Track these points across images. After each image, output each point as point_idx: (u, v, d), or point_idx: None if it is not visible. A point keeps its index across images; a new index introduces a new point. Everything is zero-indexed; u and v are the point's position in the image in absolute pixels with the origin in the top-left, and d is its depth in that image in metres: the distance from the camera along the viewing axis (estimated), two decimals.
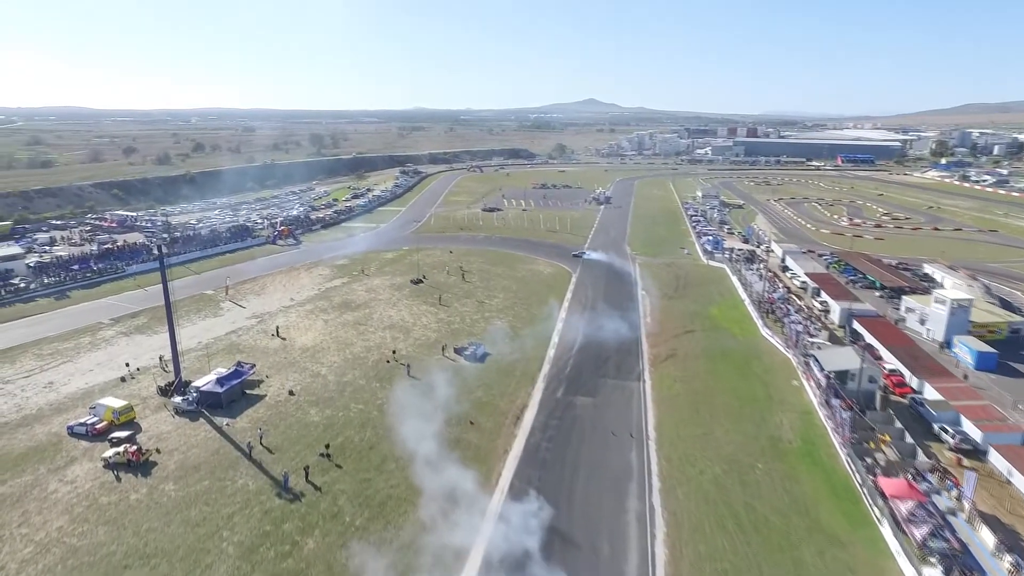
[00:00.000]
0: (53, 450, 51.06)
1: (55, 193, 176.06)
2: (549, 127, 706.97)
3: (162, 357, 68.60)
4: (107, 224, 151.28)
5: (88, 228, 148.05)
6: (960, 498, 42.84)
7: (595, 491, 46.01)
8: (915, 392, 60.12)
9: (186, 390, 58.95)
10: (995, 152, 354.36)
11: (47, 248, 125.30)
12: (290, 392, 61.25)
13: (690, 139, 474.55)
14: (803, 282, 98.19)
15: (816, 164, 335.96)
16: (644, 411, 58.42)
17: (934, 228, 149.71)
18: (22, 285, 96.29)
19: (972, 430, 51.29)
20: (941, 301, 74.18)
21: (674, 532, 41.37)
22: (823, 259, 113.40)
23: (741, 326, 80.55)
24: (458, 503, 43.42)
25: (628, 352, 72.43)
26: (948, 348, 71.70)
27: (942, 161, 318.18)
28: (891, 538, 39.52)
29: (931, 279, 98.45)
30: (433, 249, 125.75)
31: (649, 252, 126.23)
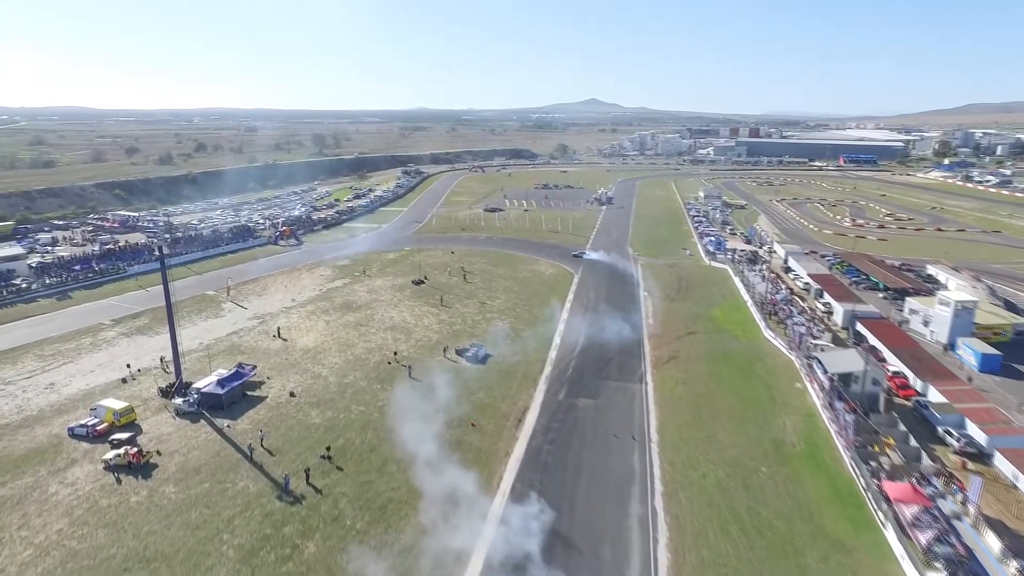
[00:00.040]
0: (54, 452, 50.99)
1: (57, 193, 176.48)
2: (551, 127, 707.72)
3: (163, 358, 68.60)
4: (109, 224, 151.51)
5: (90, 228, 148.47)
6: (965, 502, 42.49)
7: (597, 494, 45.77)
8: (919, 395, 59.79)
9: (187, 391, 58.86)
10: (998, 152, 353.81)
11: (49, 248, 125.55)
12: (291, 394, 61.13)
13: (692, 139, 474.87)
14: (806, 283, 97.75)
15: (819, 164, 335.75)
16: (646, 413, 58.20)
17: (937, 229, 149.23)
18: (24, 285, 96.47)
19: (977, 433, 50.89)
20: (945, 303, 73.75)
21: (677, 537, 41.09)
22: (826, 260, 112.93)
23: (744, 328, 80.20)
24: (459, 506, 43.25)
25: (630, 354, 72.20)
26: (952, 350, 71.28)
27: (945, 161, 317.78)
28: (896, 543, 39.18)
29: (935, 280, 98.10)
30: (435, 250, 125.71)
31: (651, 253, 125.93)
